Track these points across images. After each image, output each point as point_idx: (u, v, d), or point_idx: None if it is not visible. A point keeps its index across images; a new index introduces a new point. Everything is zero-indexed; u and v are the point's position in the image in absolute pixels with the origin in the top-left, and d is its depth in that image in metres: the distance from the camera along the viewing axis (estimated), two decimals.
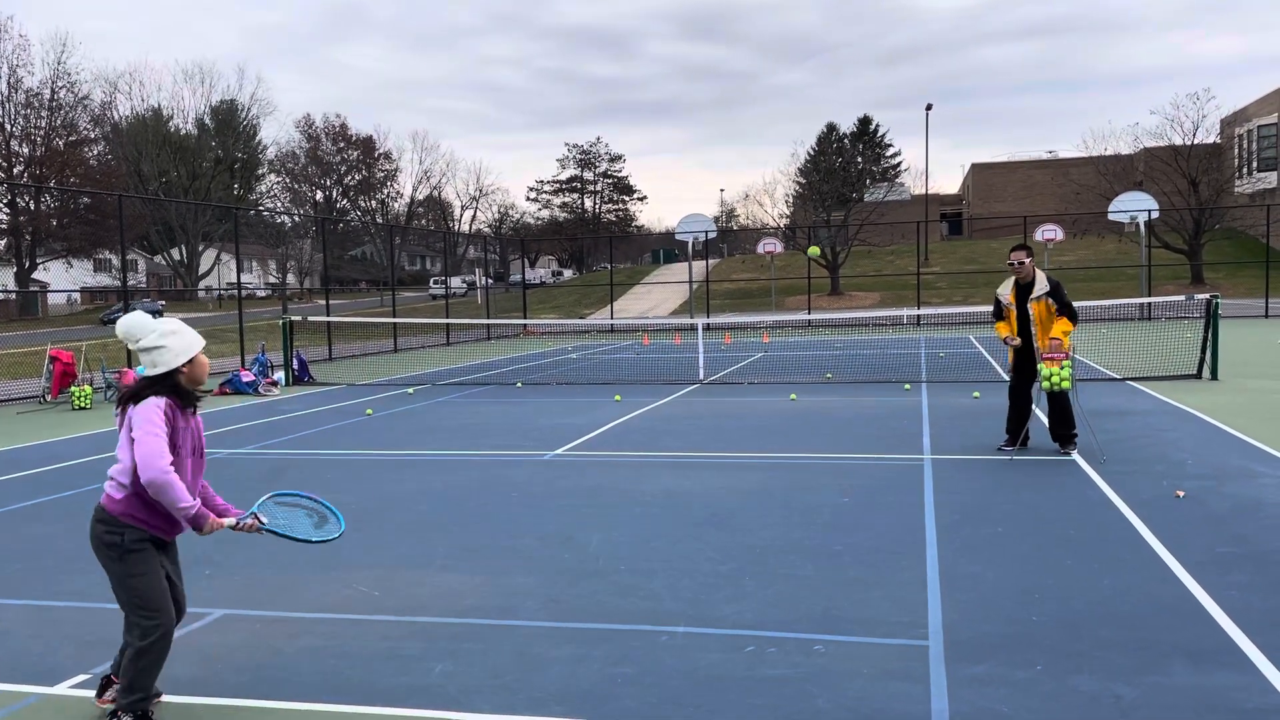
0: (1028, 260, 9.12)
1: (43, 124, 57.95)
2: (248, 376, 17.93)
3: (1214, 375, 14.92)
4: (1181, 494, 7.38)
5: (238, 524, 3.87)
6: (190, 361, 3.84)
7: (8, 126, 56.45)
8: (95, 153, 63.54)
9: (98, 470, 10.00)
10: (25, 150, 57.68)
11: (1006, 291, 9.31)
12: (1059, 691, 4.02)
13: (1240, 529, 6.41)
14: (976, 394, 14.03)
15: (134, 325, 3.83)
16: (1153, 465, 8.57)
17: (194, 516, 3.76)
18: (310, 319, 26.81)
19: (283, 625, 5.06)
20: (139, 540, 3.80)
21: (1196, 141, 48.79)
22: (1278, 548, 5.96)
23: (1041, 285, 9.06)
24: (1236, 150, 55.90)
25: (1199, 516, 6.76)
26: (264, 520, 3.91)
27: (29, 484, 9.36)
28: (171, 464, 3.70)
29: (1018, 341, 9.23)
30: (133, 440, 3.72)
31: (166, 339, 3.80)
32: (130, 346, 3.84)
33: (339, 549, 6.58)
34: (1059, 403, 9.10)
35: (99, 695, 4.11)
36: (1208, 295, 15.55)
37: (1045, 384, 8.93)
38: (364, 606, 5.38)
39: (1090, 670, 4.22)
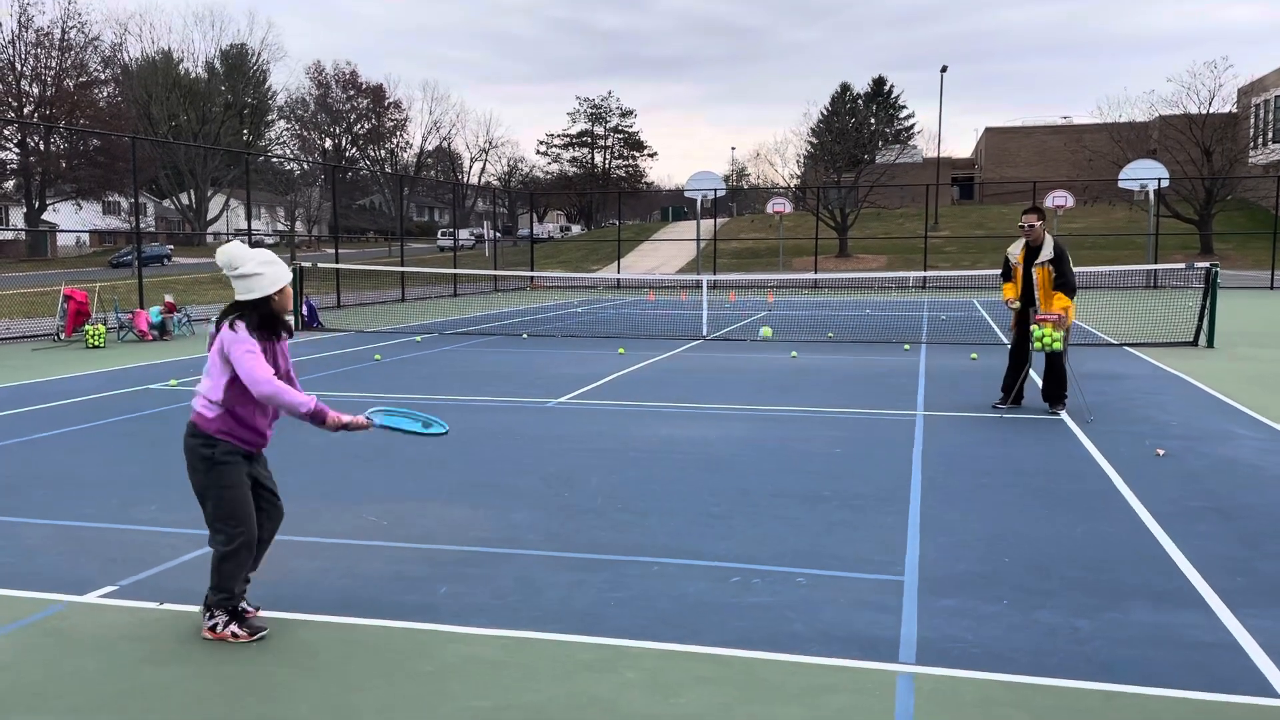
0: (1038, 224, 9.27)
1: (53, 64, 57.73)
2: None
3: (1210, 343, 15.10)
4: (1162, 452, 7.63)
5: (351, 422, 4.19)
6: (279, 291, 4.15)
7: (18, 66, 56.26)
8: (105, 94, 63.32)
9: (113, 406, 10.31)
10: (35, 90, 57.53)
11: (1016, 251, 9.49)
12: (1022, 623, 4.30)
13: (1212, 485, 6.67)
14: (974, 355, 14.25)
15: (234, 254, 4.10)
16: (1137, 426, 8.81)
17: (314, 412, 4.07)
18: (320, 265, 27.00)
19: (298, 548, 5.35)
20: (228, 453, 4.09)
21: (1212, 110, 48.38)
22: (1245, 502, 6.22)
23: (1047, 251, 9.23)
24: (1252, 120, 55.39)
25: (1175, 473, 7.02)
26: (375, 420, 4.27)
27: (47, 416, 9.67)
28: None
29: (1017, 305, 9.48)
30: (227, 363, 4.02)
31: (263, 267, 4.11)
32: (227, 273, 4.12)
33: (349, 483, 6.89)
34: (1053, 364, 9.36)
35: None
36: (1206, 264, 15.67)
37: (1037, 344, 9.17)
38: (374, 534, 5.68)
39: (1054, 606, 4.50)
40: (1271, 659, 3.90)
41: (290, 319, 4.33)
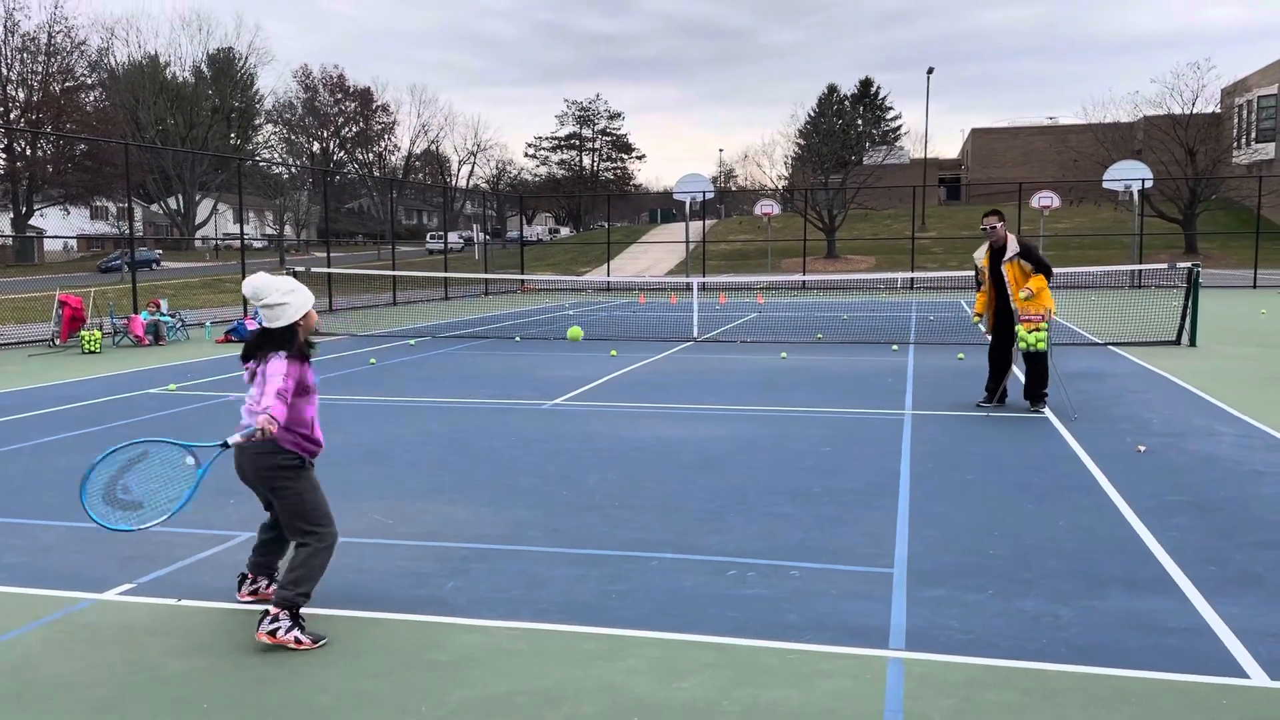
0: (999, 225, 9.56)
1: (40, 69, 57.59)
2: (252, 325, 18.33)
3: (1192, 342, 15.39)
4: (1143, 449, 7.87)
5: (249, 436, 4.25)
6: (304, 316, 4.37)
7: (4, 71, 56.08)
8: (92, 99, 63.18)
9: (114, 410, 10.44)
10: (22, 95, 57.37)
11: (981, 255, 9.78)
12: (1005, 611, 4.51)
13: (1190, 480, 6.90)
14: (961, 355, 14.50)
15: (260, 285, 4.32)
16: (1120, 423, 9.05)
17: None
18: (313, 270, 27.09)
19: None
20: (307, 462, 4.39)
21: (1196, 111, 48.90)
22: (1222, 496, 6.45)
23: (1012, 248, 9.52)
24: (1236, 121, 55.97)
25: (1155, 469, 7.25)
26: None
27: (49, 421, 9.79)
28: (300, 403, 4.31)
29: (984, 327, 9.82)
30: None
31: (288, 296, 4.32)
32: (255, 304, 4.34)
33: (352, 483, 7.05)
34: (1035, 363, 9.60)
35: (239, 590, 4.68)
36: (1188, 265, 15.97)
37: (1023, 345, 9.42)
38: (379, 532, 5.85)
39: (1035, 595, 4.71)
40: (1241, 642, 4.12)
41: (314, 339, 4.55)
